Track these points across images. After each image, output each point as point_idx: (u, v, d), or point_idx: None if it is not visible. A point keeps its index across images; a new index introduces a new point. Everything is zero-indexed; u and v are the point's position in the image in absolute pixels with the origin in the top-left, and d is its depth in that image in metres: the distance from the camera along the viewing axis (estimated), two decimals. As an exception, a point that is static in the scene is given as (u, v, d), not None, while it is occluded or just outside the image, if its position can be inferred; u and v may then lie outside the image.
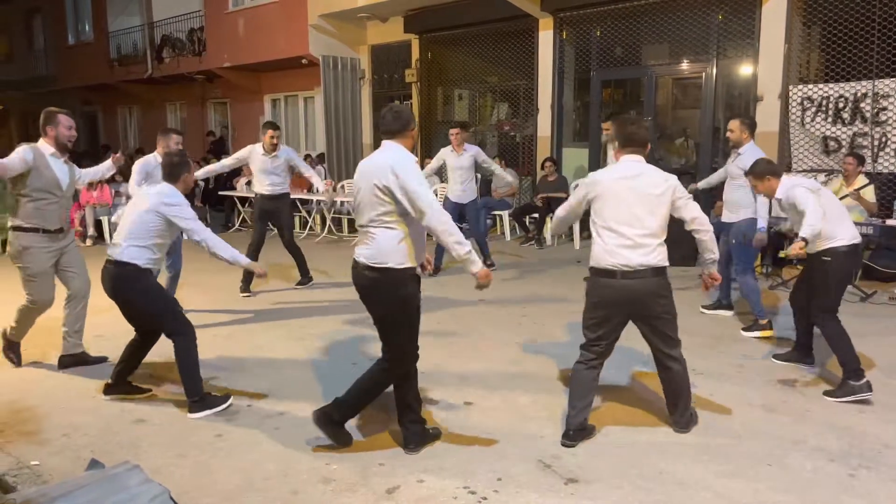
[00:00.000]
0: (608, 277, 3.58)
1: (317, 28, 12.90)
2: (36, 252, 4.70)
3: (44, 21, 23.14)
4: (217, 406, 4.16)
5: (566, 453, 3.56)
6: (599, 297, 3.65)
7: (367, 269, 3.43)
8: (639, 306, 3.61)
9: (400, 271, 3.41)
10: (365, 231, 3.44)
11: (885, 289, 6.81)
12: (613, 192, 3.56)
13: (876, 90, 7.60)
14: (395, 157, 3.37)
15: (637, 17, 9.77)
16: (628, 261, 3.53)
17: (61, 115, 4.85)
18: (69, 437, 3.85)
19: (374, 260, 3.40)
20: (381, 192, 3.32)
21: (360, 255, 3.47)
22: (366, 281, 3.46)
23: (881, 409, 4.08)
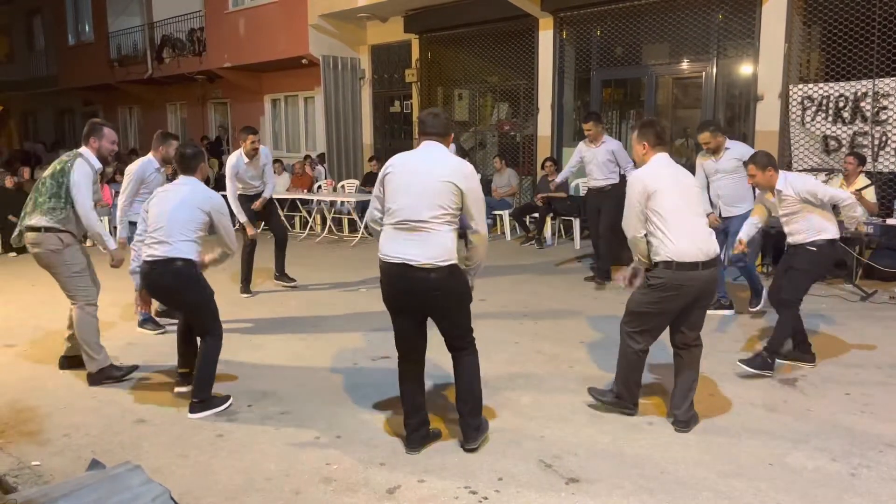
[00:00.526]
0: (692, 270, 3.71)
1: (317, 28, 12.90)
2: (76, 247, 4.67)
3: (44, 21, 23.16)
4: (218, 407, 4.17)
5: (567, 453, 3.56)
6: (678, 288, 3.73)
7: (432, 272, 3.32)
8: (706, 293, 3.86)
9: (458, 265, 3.44)
10: (420, 228, 3.33)
11: (885, 288, 6.81)
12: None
13: (876, 89, 7.59)
14: (456, 159, 3.48)
15: (637, 17, 9.76)
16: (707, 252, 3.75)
17: (107, 128, 4.79)
18: (70, 438, 3.85)
19: (440, 259, 3.33)
20: (453, 191, 3.33)
21: (415, 257, 3.32)
22: (432, 283, 3.33)
23: (883, 408, 4.07)
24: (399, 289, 3.43)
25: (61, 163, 4.62)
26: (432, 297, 3.37)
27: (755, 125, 8.67)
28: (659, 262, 3.75)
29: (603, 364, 4.88)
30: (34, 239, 4.57)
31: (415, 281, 3.34)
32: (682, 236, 3.67)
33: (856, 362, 4.86)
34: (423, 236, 3.33)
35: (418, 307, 3.45)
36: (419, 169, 3.40)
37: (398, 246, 3.38)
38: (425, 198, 3.33)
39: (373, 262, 9.22)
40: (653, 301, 3.78)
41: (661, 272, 3.73)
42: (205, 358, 4.16)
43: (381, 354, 5.19)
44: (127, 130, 21.83)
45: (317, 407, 4.23)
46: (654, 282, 3.77)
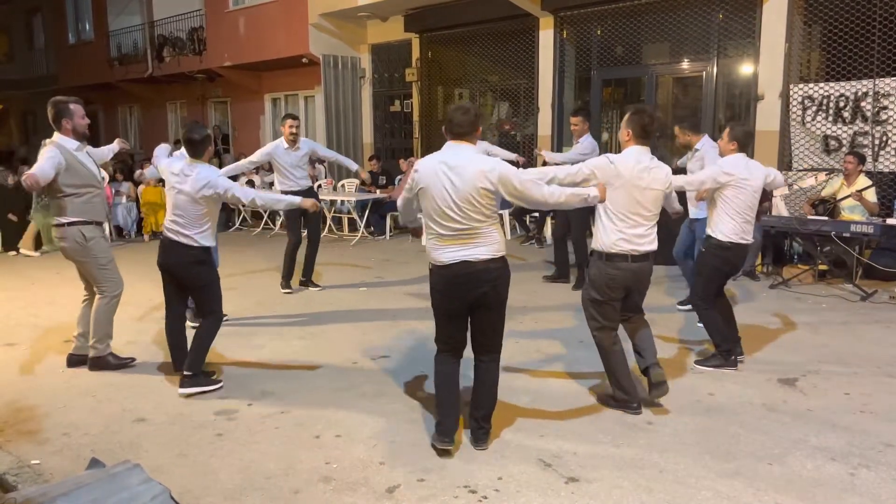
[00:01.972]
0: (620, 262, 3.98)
1: (317, 27, 12.89)
2: (100, 240, 4.72)
3: (44, 20, 23.15)
4: (206, 387, 4.39)
5: (566, 453, 3.56)
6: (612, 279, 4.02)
7: (491, 263, 3.50)
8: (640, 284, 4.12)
9: (507, 260, 3.64)
10: (473, 232, 3.44)
11: (885, 288, 6.81)
12: None
13: (877, 89, 7.60)
14: (485, 160, 3.48)
15: (637, 17, 9.76)
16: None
17: (73, 104, 4.70)
18: (69, 436, 3.85)
19: (498, 252, 3.52)
20: (488, 195, 3.41)
21: (476, 255, 3.46)
22: (494, 273, 3.51)
23: (882, 408, 4.07)
24: (459, 286, 3.51)
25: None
26: (492, 287, 3.51)
27: (755, 125, 8.66)
28: (593, 252, 4.05)
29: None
30: (58, 234, 4.69)
31: (480, 274, 3.48)
32: (616, 231, 3.90)
33: (855, 362, 4.86)
34: (480, 237, 3.47)
35: (475, 301, 3.54)
36: (450, 181, 3.41)
37: (450, 253, 3.49)
38: (464, 208, 3.40)
39: (371, 261, 9.21)
40: (596, 292, 4.04)
41: (594, 262, 4.05)
42: (200, 335, 4.42)
43: (380, 353, 5.19)
44: (127, 129, 21.81)
45: (316, 406, 4.23)
46: (591, 272, 4.08)
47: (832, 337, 5.46)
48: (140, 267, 9.01)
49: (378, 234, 11.16)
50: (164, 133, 19.88)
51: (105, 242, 4.81)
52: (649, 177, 3.88)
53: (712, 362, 4.77)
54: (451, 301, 3.57)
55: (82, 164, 4.66)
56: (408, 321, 6.00)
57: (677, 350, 5.20)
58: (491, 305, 3.56)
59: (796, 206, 7.99)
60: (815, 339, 5.42)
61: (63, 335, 5.78)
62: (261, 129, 16.25)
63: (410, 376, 4.71)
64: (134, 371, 4.90)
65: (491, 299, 3.54)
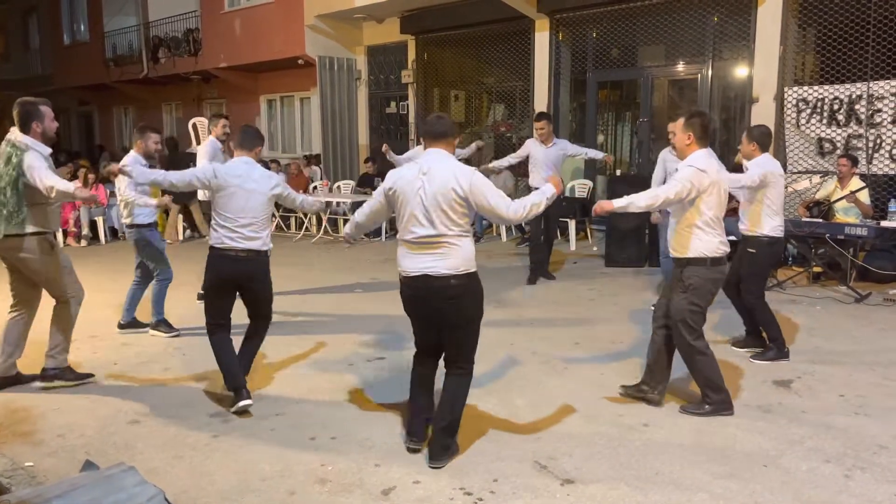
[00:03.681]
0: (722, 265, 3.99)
1: (313, 28, 12.89)
2: (58, 248, 4.49)
3: (39, 21, 23.10)
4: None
5: (562, 454, 3.56)
6: (717, 282, 4.04)
7: (453, 279, 3.37)
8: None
9: (476, 274, 3.49)
10: (438, 242, 3.36)
11: (879, 290, 6.83)
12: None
13: (871, 92, 7.63)
14: (460, 167, 3.41)
15: (633, 19, 9.78)
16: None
17: (43, 105, 4.35)
18: (64, 438, 3.83)
19: (461, 269, 3.39)
20: (459, 202, 3.33)
21: (436, 268, 3.37)
22: (455, 291, 3.39)
23: (877, 410, 4.08)
24: (420, 298, 3.47)
25: (10, 165, 4.18)
26: (452, 304, 3.42)
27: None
28: (691, 261, 3.93)
29: (597, 366, 4.89)
30: (16, 244, 4.27)
31: (439, 290, 3.38)
32: (716, 235, 3.93)
33: (850, 364, 4.87)
34: (444, 248, 3.37)
35: (436, 316, 3.48)
36: (422, 184, 3.36)
37: (416, 262, 3.42)
38: (436, 213, 3.34)
39: (367, 263, 9.24)
40: (701, 297, 3.96)
41: (695, 271, 3.92)
42: (258, 341, 4.49)
43: (376, 355, 5.18)
44: (122, 130, 21.76)
45: (312, 408, 4.23)
46: (692, 281, 3.94)
47: (827, 339, 5.47)
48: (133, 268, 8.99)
49: (374, 235, 11.15)
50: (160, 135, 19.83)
51: (61, 252, 4.52)
52: (725, 178, 4.00)
53: (769, 355, 4.93)
54: (416, 311, 3.57)
55: (56, 171, 4.34)
56: (403, 323, 5.98)
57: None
58: (453, 323, 3.47)
59: (791, 209, 8.02)
60: (809, 340, 5.43)
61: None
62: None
63: (405, 378, 4.69)
64: (128, 373, 4.88)
65: (451, 317, 3.45)
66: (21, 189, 4.18)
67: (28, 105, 4.31)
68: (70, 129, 24.68)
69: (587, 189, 10.41)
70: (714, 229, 3.89)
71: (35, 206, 4.27)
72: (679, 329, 3.97)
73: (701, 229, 3.87)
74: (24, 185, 4.18)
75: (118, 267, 8.96)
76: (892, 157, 7.58)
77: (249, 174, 4.20)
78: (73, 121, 24.50)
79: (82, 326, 5.96)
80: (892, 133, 7.55)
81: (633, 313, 6.24)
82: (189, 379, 4.76)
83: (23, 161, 4.16)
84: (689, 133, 3.93)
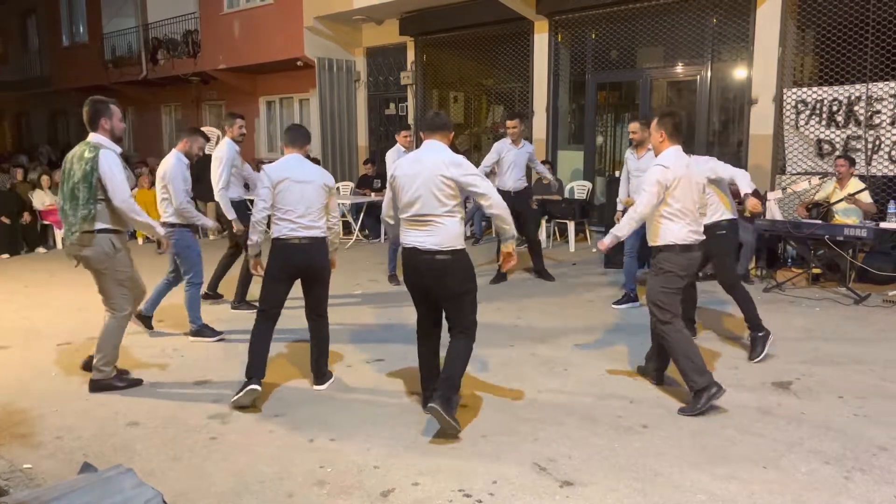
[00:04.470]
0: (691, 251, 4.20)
1: (312, 30, 12.88)
2: (124, 252, 4.49)
3: (38, 22, 23.09)
4: (331, 380, 4.65)
5: (561, 456, 3.56)
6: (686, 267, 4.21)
7: (438, 254, 3.78)
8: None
9: (465, 251, 3.89)
10: (426, 221, 3.79)
11: (879, 291, 6.83)
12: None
13: (870, 93, 7.63)
14: (449, 153, 3.84)
15: (632, 21, 9.79)
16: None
17: (113, 104, 4.46)
18: (62, 440, 3.83)
19: (446, 245, 3.79)
20: (447, 184, 3.75)
21: (423, 244, 3.79)
22: (438, 264, 3.79)
23: (876, 411, 4.08)
24: (411, 269, 3.92)
25: (84, 161, 4.26)
26: (437, 277, 3.82)
27: (749, 129, 8.70)
28: (663, 248, 4.18)
29: (597, 368, 4.89)
30: (84, 240, 4.33)
31: (424, 263, 3.81)
32: (685, 225, 4.15)
33: (849, 365, 4.87)
34: (431, 227, 3.80)
35: (426, 287, 3.91)
36: (419, 169, 3.81)
37: (408, 237, 3.88)
38: (425, 196, 3.77)
39: (367, 264, 9.21)
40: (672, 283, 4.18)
41: (666, 257, 4.17)
42: (328, 338, 4.67)
43: (375, 357, 5.18)
44: (121, 132, 21.76)
45: (310, 409, 4.22)
46: (662, 265, 4.19)
47: (826, 340, 5.47)
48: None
49: (373, 236, 11.15)
50: (159, 135, 19.85)
51: (127, 257, 4.54)
52: (695, 171, 4.22)
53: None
54: (410, 282, 4.00)
55: (126, 168, 4.44)
56: (402, 324, 6.00)
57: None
58: (441, 294, 3.88)
59: (790, 210, 8.02)
60: (809, 342, 5.43)
61: (56, 339, 5.76)
62: (255, 132, 16.22)
63: (405, 380, 4.70)
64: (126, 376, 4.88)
65: (438, 289, 3.87)
66: (93, 185, 4.27)
67: (98, 103, 4.42)
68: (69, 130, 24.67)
69: (586, 190, 10.42)
70: (682, 219, 4.13)
71: (103, 202, 4.34)
72: (652, 310, 4.23)
73: (669, 219, 4.14)
74: (96, 180, 4.26)
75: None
76: (892, 158, 7.59)
77: (301, 168, 4.44)
78: (71, 122, 24.49)
79: (81, 329, 5.98)
80: (890, 134, 7.55)
81: (632, 315, 6.24)
82: (187, 380, 4.75)
83: (98, 160, 4.25)
84: (662, 131, 4.20)
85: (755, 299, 6.77)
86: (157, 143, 19.63)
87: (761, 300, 6.78)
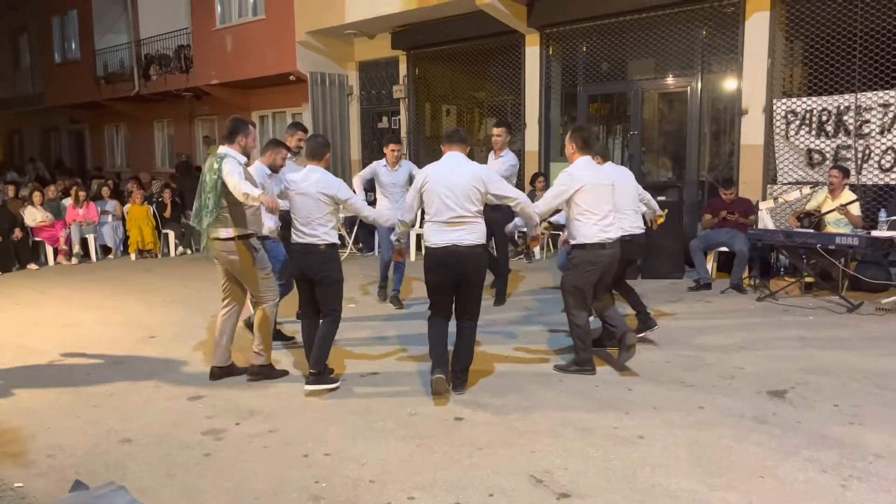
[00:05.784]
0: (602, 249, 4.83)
1: (304, 45, 12.93)
2: (262, 251, 4.93)
3: (30, 39, 23.14)
4: (328, 384, 4.71)
5: (558, 468, 3.54)
6: (595, 262, 4.85)
7: (474, 248, 4.47)
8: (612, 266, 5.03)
9: (487, 245, 4.70)
10: (463, 220, 4.43)
11: (872, 299, 6.86)
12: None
13: (858, 103, 7.69)
14: (476, 165, 4.58)
15: (622, 33, 9.86)
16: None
17: (251, 126, 4.93)
18: (54, 458, 3.79)
19: (480, 241, 4.51)
20: (479, 191, 4.44)
21: (463, 240, 4.43)
22: (475, 257, 4.49)
23: (871, 419, 4.08)
24: (448, 265, 4.45)
25: (213, 171, 4.62)
26: (471, 267, 4.48)
27: (740, 139, 8.75)
28: (574, 246, 4.88)
29: (593, 378, 4.88)
30: (227, 247, 4.71)
31: (463, 255, 4.43)
32: (592, 225, 4.77)
33: (844, 374, 4.88)
34: (468, 226, 4.44)
35: (460, 277, 4.48)
36: (454, 177, 4.45)
37: (446, 236, 4.43)
38: (460, 200, 4.41)
39: (360, 278, 9.15)
40: (579, 275, 4.85)
41: (577, 254, 4.85)
42: (323, 335, 4.74)
43: (369, 370, 5.16)
44: (113, 148, 21.76)
45: (305, 424, 4.19)
46: (574, 260, 4.88)
47: (820, 348, 5.48)
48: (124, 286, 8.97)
49: (367, 250, 11.14)
50: (151, 151, 19.85)
51: (264, 254, 4.99)
52: (603, 177, 4.86)
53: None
54: (441, 276, 4.50)
55: (252, 177, 4.84)
56: (397, 338, 5.98)
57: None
58: (472, 282, 4.54)
59: (782, 220, 8.06)
60: (803, 350, 5.44)
61: (48, 356, 5.72)
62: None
63: (399, 393, 4.68)
64: (120, 392, 4.84)
65: (472, 277, 4.53)
66: (221, 193, 4.61)
67: (239, 121, 4.92)
68: (61, 147, 24.65)
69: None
70: (590, 220, 4.76)
71: (236, 207, 4.67)
72: (564, 297, 4.95)
73: (579, 220, 4.80)
74: (221, 187, 4.60)
75: (109, 285, 8.93)
76: (881, 167, 7.64)
77: (306, 178, 4.70)
78: (63, 139, 24.47)
79: (75, 344, 5.95)
80: (880, 143, 7.61)
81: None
82: (180, 397, 4.72)
83: (222, 167, 4.59)
84: (573, 144, 4.88)
85: (748, 308, 6.84)
86: (150, 159, 19.63)
87: (755, 309, 6.81)
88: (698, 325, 6.23)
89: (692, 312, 6.73)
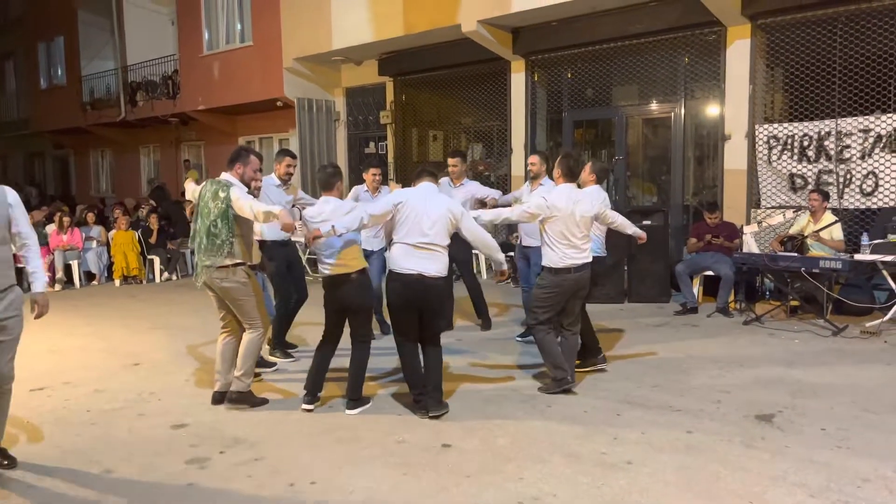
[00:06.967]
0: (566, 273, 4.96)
1: (291, 71, 13.00)
2: (254, 278, 4.95)
3: (16, 65, 23.11)
4: (366, 405, 4.84)
5: (546, 494, 3.51)
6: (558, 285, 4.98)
7: (437, 280, 4.57)
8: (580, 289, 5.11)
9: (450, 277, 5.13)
10: (432, 249, 4.54)
11: (856, 322, 6.90)
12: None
13: (839, 129, 7.81)
14: (451, 201, 4.78)
15: (607, 60, 9.99)
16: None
17: (254, 155, 4.96)
18: (34, 490, 3.70)
19: (442, 272, 4.62)
20: (452, 222, 4.60)
21: (427, 270, 4.52)
22: (437, 289, 4.60)
23: (859, 443, 4.09)
24: (411, 295, 4.55)
25: (219, 199, 4.66)
26: (433, 298, 4.58)
27: (724, 164, 8.85)
28: (544, 268, 5.03)
29: (579, 404, 4.86)
30: (223, 274, 4.73)
31: (425, 287, 4.53)
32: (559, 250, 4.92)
33: (830, 397, 4.89)
34: (432, 255, 4.55)
35: (422, 304, 4.58)
36: (433, 204, 4.59)
37: (412, 262, 4.52)
38: (436, 227, 4.53)
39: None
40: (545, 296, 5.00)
41: (545, 275, 5.01)
42: (357, 361, 4.83)
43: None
44: (99, 173, 21.65)
45: (291, 452, 4.14)
46: (541, 282, 5.05)
47: (806, 372, 5.50)
48: (108, 311, 8.86)
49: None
50: (137, 177, 19.76)
51: (257, 281, 5.03)
52: (580, 207, 4.91)
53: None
54: (404, 302, 4.58)
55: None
56: (384, 361, 5.94)
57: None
58: (435, 311, 4.65)
59: (766, 243, 8.13)
60: (789, 374, 5.46)
61: (29, 383, 5.62)
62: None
63: (386, 421, 4.64)
64: (102, 420, 4.77)
65: (436, 307, 4.64)
66: (230, 220, 4.67)
67: (242, 150, 5.02)
68: (45, 172, 24.51)
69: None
70: (557, 246, 4.90)
71: (239, 237, 4.76)
72: (531, 314, 5.16)
73: (548, 245, 4.97)
74: (232, 216, 4.67)
75: (93, 312, 8.83)
76: (863, 191, 7.74)
77: (321, 211, 4.79)
78: (48, 164, 24.34)
79: (54, 373, 5.87)
80: (861, 168, 7.72)
81: (614, 351, 6.24)
82: (164, 425, 4.65)
83: (230, 195, 4.66)
84: (559, 170, 5.06)
85: (735, 332, 6.87)
86: (136, 184, 19.54)
87: (741, 333, 6.83)
88: (685, 349, 6.24)
89: (679, 336, 6.74)
